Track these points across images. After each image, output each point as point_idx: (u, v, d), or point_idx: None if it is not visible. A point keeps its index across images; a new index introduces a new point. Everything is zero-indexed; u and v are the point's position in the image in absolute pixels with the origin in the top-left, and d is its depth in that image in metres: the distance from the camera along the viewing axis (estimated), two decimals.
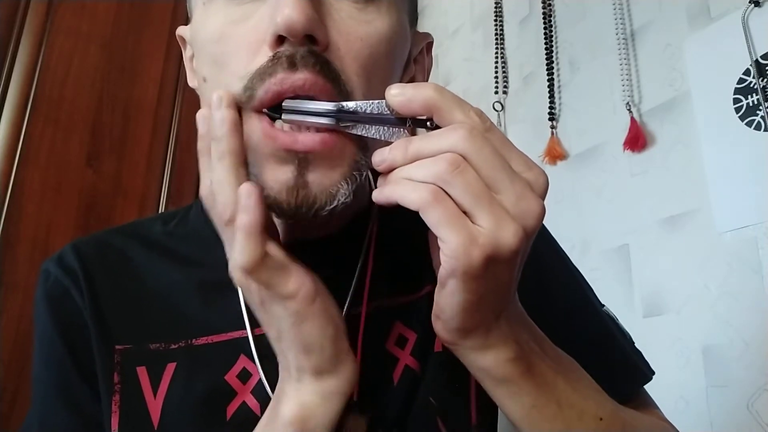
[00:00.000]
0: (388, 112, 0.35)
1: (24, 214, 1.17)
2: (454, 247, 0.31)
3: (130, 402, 0.45)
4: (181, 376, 0.45)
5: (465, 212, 0.31)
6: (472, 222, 0.31)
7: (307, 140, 0.36)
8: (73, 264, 0.49)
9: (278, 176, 0.37)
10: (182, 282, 0.49)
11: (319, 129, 0.37)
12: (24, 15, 1.24)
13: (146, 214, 1.31)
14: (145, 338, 0.47)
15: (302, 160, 0.37)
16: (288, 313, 0.35)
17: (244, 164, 0.36)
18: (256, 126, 0.37)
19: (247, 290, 0.36)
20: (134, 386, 0.45)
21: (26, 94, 1.21)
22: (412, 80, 0.49)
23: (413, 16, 0.48)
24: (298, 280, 0.35)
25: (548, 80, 1.22)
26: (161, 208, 1.33)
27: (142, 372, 0.46)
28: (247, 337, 0.45)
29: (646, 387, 0.54)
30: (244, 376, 0.45)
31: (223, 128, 0.35)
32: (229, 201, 0.34)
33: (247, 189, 0.33)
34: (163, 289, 0.49)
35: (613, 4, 1.09)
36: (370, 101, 0.36)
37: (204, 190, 0.37)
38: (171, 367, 0.46)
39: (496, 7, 1.41)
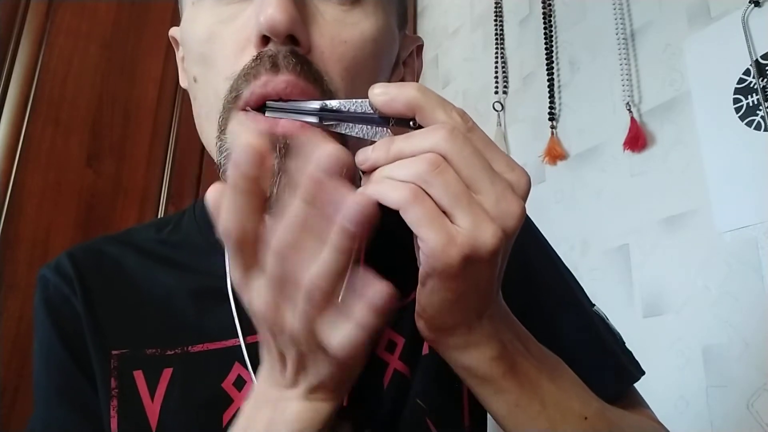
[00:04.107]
0: (372, 111, 0.35)
1: (24, 214, 1.17)
2: (432, 246, 0.31)
3: (128, 406, 0.45)
4: (179, 382, 0.46)
5: (445, 212, 0.31)
6: (452, 222, 0.31)
7: (288, 124, 0.37)
8: (69, 271, 0.50)
9: None
10: (176, 288, 0.49)
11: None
12: (24, 15, 1.23)
13: (146, 214, 1.31)
14: (141, 343, 0.47)
15: (283, 146, 0.37)
16: (332, 366, 0.33)
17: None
18: (242, 119, 0.38)
19: (288, 348, 0.33)
20: (131, 390, 0.46)
21: (26, 94, 1.21)
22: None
23: (402, 19, 0.48)
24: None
25: (548, 80, 1.22)
26: (161, 208, 1.33)
27: (138, 376, 0.46)
28: (240, 346, 0.46)
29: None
30: (239, 383, 0.45)
31: (359, 217, 0.29)
32: (330, 288, 0.30)
33: (385, 292, 0.30)
34: (157, 295, 0.49)
35: (613, 4, 1.09)
36: (354, 100, 0.36)
37: (229, 231, 0.30)
38: (168, 373, 0.46)
39: (496, 7, 1.41)
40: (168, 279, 0.50)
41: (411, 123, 0.34)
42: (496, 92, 1.37)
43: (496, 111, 1.36)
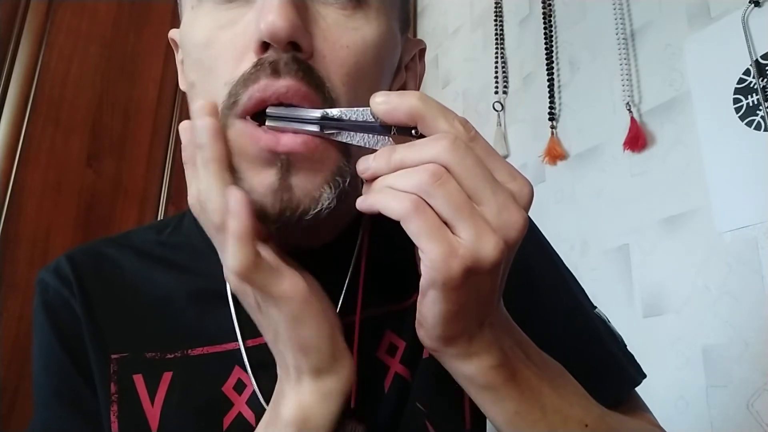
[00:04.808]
0: (373, 119, 0.35)
1: (24, 214, 1.17)
2: (433, 258, 0.31)
3: (128, 410, 0.45)
4: (179, 386, 0.45)
5: (446, 223, 0.31)
6: (453, 233, 0.31)
7: (289, 141, 0.36)
8: (68, 274, 0.49)
9: (263, 180, 0.37)
10: (176, 291, 0.49)
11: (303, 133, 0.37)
12: (24, 15, 1.23)
13: (146, 214, 1.31)
14: (141, 346, 0.47)
15: (285, 162, 0.37)
16: (283, 315, 0.35)
17: (229, 170, 0.36)
18: (240, 130, 0.37)
19: (243, 294, 0.36)
20: (131, 394, 0.45)
21: (26, 94, 1.21)
22: (403, 87, 0.49)
23: (405, 23, 0.48)
24: (291, 281, 0.35)
25: (548, 80, 1.22)
26: (161, 208, 1.33)
27: (138, 380, 0.46)
28: (240, 349, 0.46)
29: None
30: (239, 387, 0.45)
31: (205, 135, 0.36)
32: (218, 207, 0.35)
33: (234, 194, 0.34)
34: (157, 298, 0.49)
35: (613, 4, 1.09)
36: (355, 108, 0.36)
37: (192, 199, 0.37)
38: (168, 376, 0.46)
39: (496, 7, 1.41)
40: (167, 281, 0.50)
41: (413, 132, 0.34)
42: (496, 92, 1.37)
43: (496, 111, 1.36)
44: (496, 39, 1.40)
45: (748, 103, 0.85)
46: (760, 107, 0.83)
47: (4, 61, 1.19)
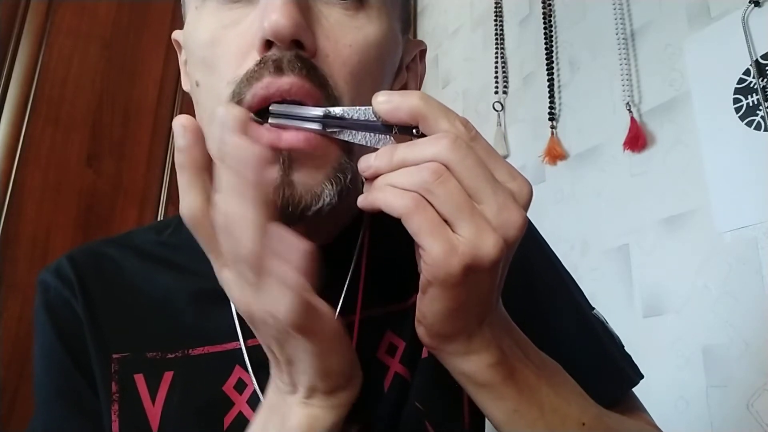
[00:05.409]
0: (375, 118, 0.35)
1: (24, 214, 1.17)
2: (433, 256, 0.31)
3: (129, 410, 0.45)
4: (179, 386, 0.46)
5: (446, 221, 0.32)
6: (453, 231, 0.31)
7: (291, 138, 0.36)
8: (69, 275, 0.49)
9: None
10: (177, 291, 0.49)
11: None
12: (24, 15, 1.24)
13: (146, 214, 1.31)
14: (142, 346, 0.47)
15: (287, 159, 0.37)
16: (312, 349, 0.33)
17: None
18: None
19: (263, 326, 0.33)
20: (132, 394, 0.46)
21: (26, 94, 1.21)
22: (404, 87, 0.49)
23: (406, 24, 0.48)
24: (330, 318, 0.33)
25: (548, 80, 1.22)
26: (161, 208, 1.34)
27: (139, 379, 0.46)
28: (240, 349, 0.46)
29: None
30: (240, 386, 0.45)
31: (249, 158, 0.30)
32: (250, 241, 0.30)
33: (303, 246, 0.30)
34: (158, 298, 0.49)
35: (613, 4, 1.09)
36: (357, 107, 0.36)
37: (188, 210, 0.32)
38: (168, 376, 0.46)
39: (496, 7, 1.41)
40: (168, 281, 0.50)
41: (414, 131, 0.34)
42: (496, 92, 1.37)
43: (496, 111, 1.36)
44: (496, 39, 1.40)
45: (748, 103, 0.85)
46: (760, 107, 0.83)
47: (4, 61, 1.20)
